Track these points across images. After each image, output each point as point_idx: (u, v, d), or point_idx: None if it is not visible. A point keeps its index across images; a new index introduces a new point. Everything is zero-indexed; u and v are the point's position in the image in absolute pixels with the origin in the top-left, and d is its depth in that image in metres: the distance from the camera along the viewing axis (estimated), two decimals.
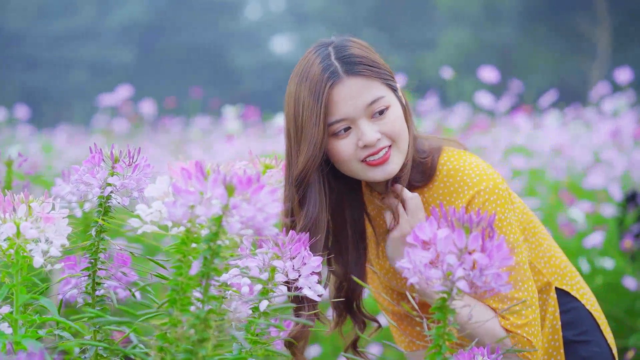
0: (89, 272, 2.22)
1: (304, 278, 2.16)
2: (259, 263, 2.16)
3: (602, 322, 2.77)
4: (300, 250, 2.17)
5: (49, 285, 2.13)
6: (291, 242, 2.18)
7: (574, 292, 2.75)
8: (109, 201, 2.21)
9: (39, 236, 2.01)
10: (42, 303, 2.00)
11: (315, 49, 2.60)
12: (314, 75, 2.52)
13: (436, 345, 1.96)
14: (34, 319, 2.05)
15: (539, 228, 2.77)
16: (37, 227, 2.01)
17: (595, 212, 5.43)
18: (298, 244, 2.17)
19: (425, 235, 1.93)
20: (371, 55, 2.58)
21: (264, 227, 1.84)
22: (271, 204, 1.86)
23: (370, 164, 2.54)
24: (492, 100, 6.58)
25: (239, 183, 1.83)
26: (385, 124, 2.53)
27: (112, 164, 2.20)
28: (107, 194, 2.19)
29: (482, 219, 1.93)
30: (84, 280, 2.23)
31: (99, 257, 2.21)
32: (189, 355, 1.85)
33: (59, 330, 2.13)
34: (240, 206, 1.82)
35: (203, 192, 1.83)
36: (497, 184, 2.55)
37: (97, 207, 2.21)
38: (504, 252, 1.91)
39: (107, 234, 2.21)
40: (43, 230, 2.02)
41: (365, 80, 2.52)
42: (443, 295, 1.92)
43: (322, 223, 2.58)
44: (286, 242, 2.18)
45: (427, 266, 1.91)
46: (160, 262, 2.18)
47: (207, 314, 1.86)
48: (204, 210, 1.82)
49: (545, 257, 2.73)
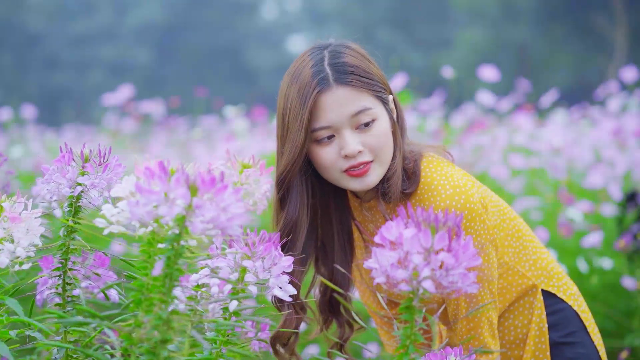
0: (60, 273, 2.21)
1: (275, 278, 2.14)
2: (229, 263, 2.15)
3: (590, 323, 2.75)
4: (271, 250, 2.16)
5: (19, 286, 2.12)
6: (261, 242, 2.17)
7: (560, 294, 2.73)
8: (80, 201, 2.20)
9: (5, 236, 2.00)
10: (7, 303, 1.99)
11: (311, 50, 2.59)
12: (304, 79, 2.51)
13: (403, 346, 1.95)
14: (2, 319, 2.04)
15: (524, 231, 2.74)
16: (2, 227, 2.01)
17: (595, 211, 5.40)
18: (268, 244, 2.16)
19: (392, 235, 1.92)
20: (365, 65, 2.55)
21: (228, 227, 1.83)
22: (235, 204, 1.85)
23: (349, 174, 2.53)
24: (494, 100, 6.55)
25: (202, 183, 1.82)
26: (369, 137, 2.51)
27: (82, 164, 2.19)
28: (77, 193, 2.18)
29: (449, 219, 1.92)
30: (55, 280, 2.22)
31: (69, 257, 2.20)
32: (152, 356, 1.84)
33: (29, 331, 2.12)
34: (203, 206, 1.81)
35: (166, 192, 1.82)
36: (468, 198, 2.52)
37: (68, 207, 2.20)
38: (470, 252, 1.90)
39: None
40: (9, 230, 2.01)
41: (354, 91, 2.50)
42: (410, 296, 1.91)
43: (301, 224, 2.58)
44: (256, 242, 2.17)
45: (393, 266, 1.90)
46: (133, 263, 2.17)
47: (170, 315, 1.85)
48: (167, 210, 1.81)
49: (530, 260, 2.71)
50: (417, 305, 1.92)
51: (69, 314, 2.18)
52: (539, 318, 2.70)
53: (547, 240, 4.90)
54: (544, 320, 2.70)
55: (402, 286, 1.89)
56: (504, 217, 2.69)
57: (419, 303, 1.91)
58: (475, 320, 2.56)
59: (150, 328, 1.85)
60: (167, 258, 1.86)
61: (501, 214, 2.68)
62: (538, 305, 2.70)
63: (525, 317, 2.70)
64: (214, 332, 2.17)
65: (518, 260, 2.69)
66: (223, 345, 2.15)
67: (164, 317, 1.85)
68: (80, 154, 2.20)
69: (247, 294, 2.15)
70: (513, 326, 2.71)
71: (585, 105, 8.16)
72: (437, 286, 1.89)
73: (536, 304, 2.70)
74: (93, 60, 31.80)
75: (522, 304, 2.71)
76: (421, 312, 1.93)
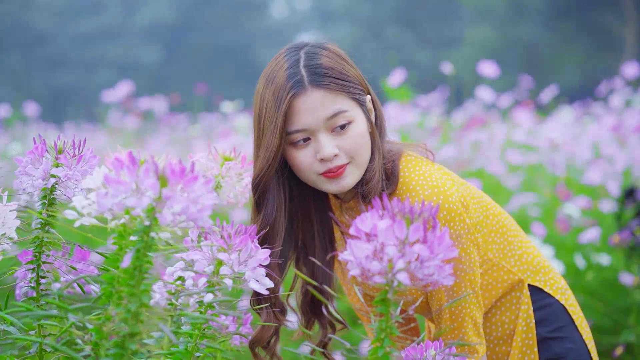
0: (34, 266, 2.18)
1: (251, 271, 2.11)
2: (204, 256, 2.12)
3: (578, 318, 2.72)
4: (247, 242, 2.12)
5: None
6: (238, 234, 2.14)
7: (547, 288, 2.70)
8: (54, 193, 2.17)
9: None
10: None
11: (287, 51, 2.56)
12: (279, 81, 2.48)
13: (378, 339, 1.91)
14: None
15: (508, 226, 2.71)
16: None
17: (594, 208, 5.36)
18: (244, 237, 2.13)
19: (367, 227, 1.89)
20: (341, 67, 2.51)
21: (198, 219, 1.80)
22: (206, 195, 1.82)
23: (325, 176, 2.50)
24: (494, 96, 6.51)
25: (172, 174, 1.79)
26: (345, 140, 2.47)
27: (56, 155, 2.16)
28: (51, 185, 2.15)
29: (425, 210, 1.89)
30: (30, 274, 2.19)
31: (43, 250, 2.17)
32: (120, 350, 1.81)
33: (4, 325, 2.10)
34: (173, 197, 1.78)
35: (136, 182, 1.79)
36: (447, 198, 2.48)
37: (41, 200, 2.17)
38: (446, 243, 1.87)
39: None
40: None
41: (329, 93, 2.46)
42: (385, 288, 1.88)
43: (279, 227, 2.56)
44: (232, 234, 2.14)
45: (368, 258, 1.87)
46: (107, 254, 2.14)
47: (138, 308, 1.82)
48: (135, 201, 1.78)
49: (516, 255, 2.68)
50: (392, 298, 1.89)
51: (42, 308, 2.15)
52: (526, 313, 2.66)
53: (544, 237, 4.86)
54: (531, 315, 2.66)
55: (376, 278, 1.86)
56: (487, 213, 2.65)
57: (394, 296, 1.88)
58: (459, 320, 2.53)
59: (118, 321, 1.82)
60: (137, 250, 1.83)
61: (484, 210, 2.64)
62: (525, 300, 2.67)
63: (513, 312, 2.67)
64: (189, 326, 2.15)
65: (503, 256, 2.66)
66: (199, 340, 2.12)
67: (132, 310, 1.81)
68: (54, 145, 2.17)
69: (223, 287, 2.12)
70: (500, 322, 2.67)
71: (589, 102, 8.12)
72: (412, 278, 1.85)
73: (523, 299, 2.67)
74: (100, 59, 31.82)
75: (508, 300, 2.67)
76: (396, 305, 1.90)
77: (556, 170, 5.67)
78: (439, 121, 6.61)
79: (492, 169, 5.55)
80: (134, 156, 1.83)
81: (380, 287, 1.87)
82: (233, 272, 2.11)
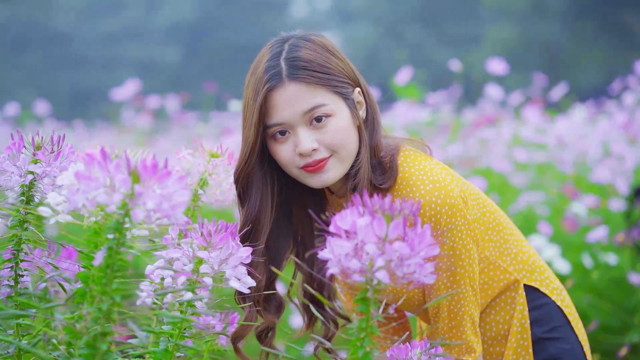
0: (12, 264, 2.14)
1: (231, 269, 2.07)
2: (184, 254, 2.08)
3: (574, 318, 2.67)
4: (228, 240, 2.08)
5: None
6: (218, 232, 2.10)
7: (543, 288, 2.65)
8: (32, 190, 2.14)
9: None
10: None
11: (273, 42, 2.51)
12: (259, 73, 2.43)
13: (358, 339, 1.87)
14: None
15: (505, 224, 2.66)
16: None
17: (602, 206, 5.29)
18: (225, 234, 2.09)
19: (346, 224, 1.84)
20: (322, 59, 2.44)
21: (171, 215, 1.77)
22: (180, 191, 1.78)
23: (306, 170, 2.44)
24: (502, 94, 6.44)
25: (144, 169, 1.75)
26: (324, 134, 2.41)
27: (34, 151, 2.13)
28: (28, 182, 2.11)
29: (405, 207, 1.85)
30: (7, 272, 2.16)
31: (21, 248, 2.13)
32: (92, 350, 1.78)
33: None
34: (145, 193, 1.74)
35: (108, 178, 1.75)
36: (448, 193, 2.43)
37: (19, 197, 2.13)
38: (427, 241, 1.82)
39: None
40: None
41: (306, 87, 2.40)
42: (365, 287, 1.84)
43: (264, 221, 2.51)
44: (212, 232, 2.10)
45: (347, 256, 1.82)
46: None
47: (110, 307, 1.79)
48: (106, 197, 1.74)
49: (512, 254, 2.63)
50: (371, 296, 1.85)
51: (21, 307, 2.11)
52: (521, 314, 2.61)
53: (551, 235, 4.80)
54: (526, 316, 2.61)
55: (355, 277, 1.82)
56: (484, 210, 2.60)
57: (374, 295, 1.84)
58: (457, 318, 2.48)
59: (90, 321, 1.78)
60: (109, 248, 1.79)
61: (481, 207, 2.59)
62: (520, 300, 2.62)
63: (507, 312, 2.62)
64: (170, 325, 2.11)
65: (499, 254, 2.61)
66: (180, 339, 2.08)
67: (103, 309, 1.78)
68: (31, 141, 2.13)
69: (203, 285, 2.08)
70: (494, 322, 2.62)
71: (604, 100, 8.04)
72: (392, 277, 1.81)
73: (518, 299, 2.62)
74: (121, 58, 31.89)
75: (503, 299, 2.62)
76: (376, 303, 1.86)
77: (565, 169, 5.60)
78: (449, 119, 6.54)
79: (499, 166, 5.49)
80: (106, 152, 1.79)
81: (361, 285, 1.83)
82: (213, 271, 2.06)
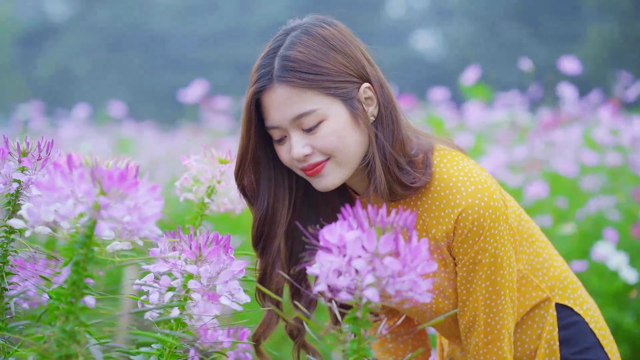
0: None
1: (222, 284, 1.93)
2: (171, 268, 1.95)
3: (607, 342, 2.45)
4: (219, 253, 1.95)
5: None
6: (208, 244, 1.97)
7: (577, 308, 2.44)
8: (19, 199, 2.03)
9: None
10: None
11: (278, 33, 2.36)
12: (253, 69, 2.29)
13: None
14: None
15: (537, 235, 2.46)
16: None
17: None
18: (216, 247, 1.95)
19: (334, 238, 1.69)
20: (316, 58, 2.24)
21: (140, 229, 1.63)
22: (151, 202, 1.65)
23: (306, 173, 2.27)
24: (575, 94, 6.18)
25: (109, 179, 1.62)
26: (316, 139, 2.23)
27: (19, 158, 2.02)
28: (13, 191, 2.01)
29: (400, 219, 1.69)
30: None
31: (8, 260, 2.02)
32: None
33: None
34: (110, 205, 1.61)
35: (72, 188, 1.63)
36: (492, 195, 2.24)
37: (5, 206, 2.03)
38: (422, 256, 1.66)
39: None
40: None
41: (294, 90, 2.22)
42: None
43: (280, 220, 2.34)
44: (201, 245, 1.96)
45: (335, 272, 1.67)
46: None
47: (74, 327, 1.66)
48: (66, 210, 1.62)
49: (544, 269, 2.43)
50: (361, 316, 1.69)
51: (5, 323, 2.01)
52: (550, 335, 2.41)
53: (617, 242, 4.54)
54: (555, 337, 2.41)
55: (342, 295, 1.66)
56: (518, 218, 2.41)
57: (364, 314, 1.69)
58: (495, 332, 2.30)
59: (53, 342, 1.66)
60: (75, 263, 1.67)
61: (515, 215, 2.40)
62: (550, 320, 2.41)
63: (534, 331, 2.42)
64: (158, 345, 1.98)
65: (531, 268, 2.41)
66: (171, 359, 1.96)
67: (67, 330, 1.65)
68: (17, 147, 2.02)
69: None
70: (520, 341, 2.42)
71: None
72: (383, 295, 1.66)
73: (548, 319, 2.41)
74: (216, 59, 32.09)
75: (531, 317, 2.42)
76: (369, 323, 1.70)
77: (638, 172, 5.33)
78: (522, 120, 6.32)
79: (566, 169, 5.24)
80: (73, 159, 1.67)
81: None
82: (202, 286, 1.93)
